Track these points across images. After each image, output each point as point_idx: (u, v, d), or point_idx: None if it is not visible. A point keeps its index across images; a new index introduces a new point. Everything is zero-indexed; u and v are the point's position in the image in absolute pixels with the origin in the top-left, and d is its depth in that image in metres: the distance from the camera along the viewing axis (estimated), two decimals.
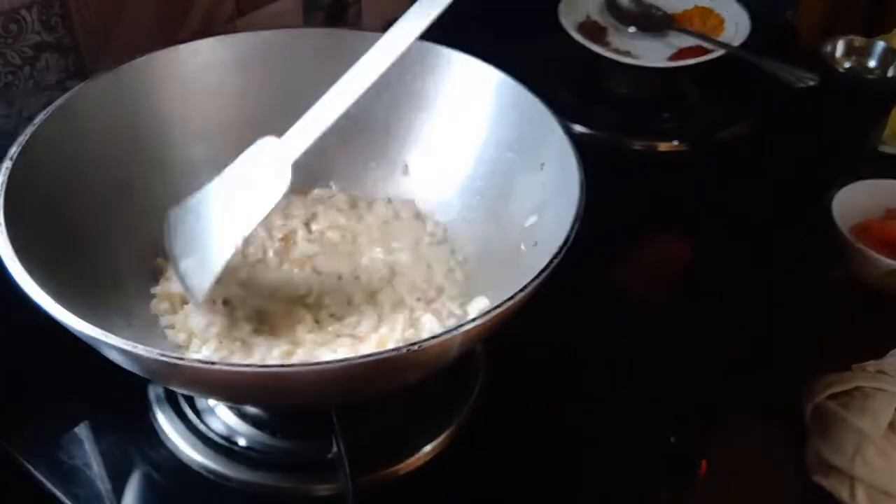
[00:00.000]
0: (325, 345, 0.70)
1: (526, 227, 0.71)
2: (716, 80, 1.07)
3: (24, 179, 0.65)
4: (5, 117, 0.83)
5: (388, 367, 0.54)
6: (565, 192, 0.66)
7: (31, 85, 0.84)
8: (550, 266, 0.58)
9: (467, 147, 0.78)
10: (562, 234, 0.61)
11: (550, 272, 0.58)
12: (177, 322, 0.72)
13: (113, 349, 0.55)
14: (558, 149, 0.69)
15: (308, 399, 0.62)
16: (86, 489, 0.69)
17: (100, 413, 0.74)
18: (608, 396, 0.76)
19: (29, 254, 0.60)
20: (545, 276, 0.58)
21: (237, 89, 0.82)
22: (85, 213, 0.71)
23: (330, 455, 0.67)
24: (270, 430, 0.71)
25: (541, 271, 0.58)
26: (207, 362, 0.53)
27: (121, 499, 0.69)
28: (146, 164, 0.78)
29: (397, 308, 0.73)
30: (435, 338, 0.54)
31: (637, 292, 0.85)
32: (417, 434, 0.71)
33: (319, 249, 0.78)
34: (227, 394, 0.65)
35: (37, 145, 0.68)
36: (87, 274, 0.68)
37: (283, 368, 0.53)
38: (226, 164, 0.79)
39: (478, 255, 0.77)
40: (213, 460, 0.69)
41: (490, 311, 0.55)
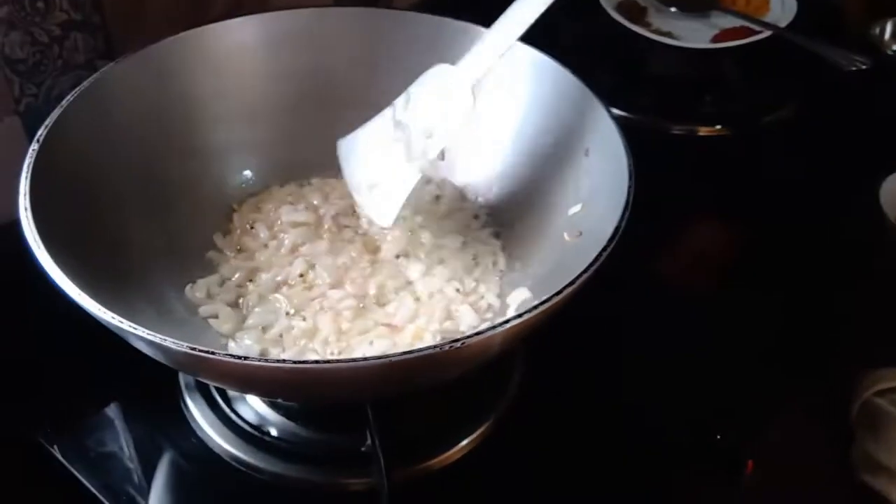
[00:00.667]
0: (361, 333, 0.69)
1: (569, 215, 0.69)
2: (760, 62, 1.04)
3: (51, 162, 0.64)
4: (33, 97, 0.81)
5: (426, 364, 0.52)
6: (612, 181, 0.63)
7: (60, 64, 0.82)
8: (599, 259, 0.56)
9: (505, 130, 0.76)
10: (610, 225, 0.59)
11: (599, 265, 0.56)
12: (220, 312, 0.71)
13: (141, 341, 0.53)
14: (604, 134, 0.67)
15: (343, 395, 0.60)
16: (114, 477, 0.68)
17: (129, 400, 0.73)
18: (649, 391, 0.74)
19: (55, 239, 0.58)
20: (594, 270, 0.56)
21: (268, 69, 0.80)
22: (112, 197, 0.70)
23: (364, 448, 0.65)
24: (303, 420, 0.69)
25: (590, 265, 0.56)
26: (239, 357, 0.51)
27: (149, 488, 0.68)
28: (174, 146, 0.76)
29: (435, 297, 0.72)
30: (477, 335, 0.51)
31: (678, 283, 0.83)
32: (454, 428, 0.69)
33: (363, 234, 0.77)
34: (259, 389, 0.64)
35: (64, 127, 0.66)
36: (115, 259, 0.67)
37: (318, 365, 0.52)
38: (257, 146, 0.81)
39: (517, 243, 0.75)
40: (242, 450, 0.68)
41: (536, 307, 0.53)
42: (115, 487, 0.67)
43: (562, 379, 0.73)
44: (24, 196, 0.60)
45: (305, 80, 0.81)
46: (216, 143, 0.79)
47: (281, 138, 0.81)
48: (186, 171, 0.77)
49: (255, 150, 0.80)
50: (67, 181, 0.66)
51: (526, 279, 0.71)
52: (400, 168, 0.69)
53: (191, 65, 0.77)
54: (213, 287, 0.73)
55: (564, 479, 0.68)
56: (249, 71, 0.79)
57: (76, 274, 0.56)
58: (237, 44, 0.78)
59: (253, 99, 0.80)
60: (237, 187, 0.80)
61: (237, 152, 0.80)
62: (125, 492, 0.67)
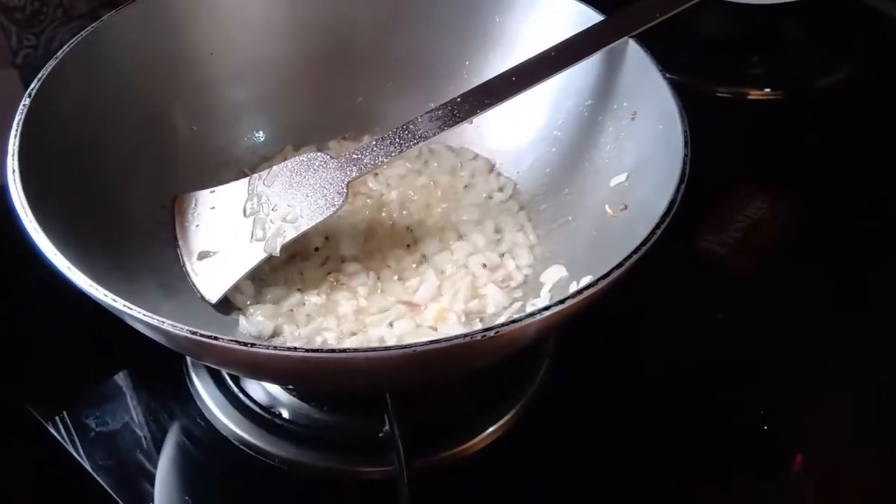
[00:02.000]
0: (380, 312, 0.65)
1: (612, 186, 0.64)
2: (817, 20, 0.99)
3: (45, 119, 0.61)
4: (31, 48, 0.78)
5: (453, 354, 0.48)
6: (664, 149, 0.59)
7: (60, 13, 0.79)
8: (652, 238, 0.51)
9: (541, 91, 0.69)
10: (662, 200, 0.54)
11: (651, 245, 0.51)
12: None
13: (138, 322, 0.49)
14: (655, 97, 0.62)
15: (358, 385, 0.56)
16: (116, 459, 0.65)
17: (134, 377, 0.71)
18: (690, 378, 0.70)
19: (46, 204, 0.56)
20: (645, 251, 0.50)
21: (283, 21, 0.76)
22: (111, 160, 0.67)
23: (381, 434, 0.62)
24: (316, 402, 0.66)
25: (641, 244, 0.50)
26: (245, 344, 0.46)
27: (154, 470, 0.65)
28: (181, 103, 0.73)
29: (459, 273, 0.68)
30: (512, 322, 0.47)
31: (721, 259, 0.79)
32: (478, 415, 0.66)
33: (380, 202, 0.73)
34: (269, 376, 0.61)
35: (59, 81, 0.63)
36: (113, 229, 0.64)
37: (333, 355, 0.47)
38: (270, 105, 0.77)
39: (552, 215, 0.71)
40: (251, 433, 0.65)
41: (577, 293, 0.48)
42: (118, 470, 0.64)
43: (593, 364, 0.70)
44: (12, 156, 0.57)
45: (324, 35, 0.77)
46: (226, 101, 0.75)
47: (296, 97, 0.77)
48: (193, 130, 0.74)
49: (268, 108, 0.77)
50: (62, 140, 0.63)
51: (561, 255, 0.67)
52: (243, 244, 0.66)
53: (200, 14, 0.73)
54: None
55: (595, 470, 0.65)
56: (264, 23, 0.75)
57: (68, 245, 0.53)
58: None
59: (267, 53, 0.76)
60: (249, 149, 0.77)
61: (249, 111, 0.77)
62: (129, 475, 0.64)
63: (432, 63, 0.76)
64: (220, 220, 0.68)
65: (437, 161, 0.76)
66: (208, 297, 0.65)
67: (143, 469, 0.65)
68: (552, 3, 0.70)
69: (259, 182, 0.68)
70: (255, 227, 0.66)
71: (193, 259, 0.66)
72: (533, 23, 0.72)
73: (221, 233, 0.67)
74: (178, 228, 0.68)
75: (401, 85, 0.77)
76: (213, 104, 0.74)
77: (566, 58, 0.65)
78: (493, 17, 0.73)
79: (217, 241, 0.67)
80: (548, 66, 0.65)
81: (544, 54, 0.66)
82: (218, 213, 0.68)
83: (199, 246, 0.67)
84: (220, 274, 0.65)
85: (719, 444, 0.66)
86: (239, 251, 0.66)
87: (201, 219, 0.68)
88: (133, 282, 0.60)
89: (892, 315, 0.76)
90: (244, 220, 0.67)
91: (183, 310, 0.63)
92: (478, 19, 0.74)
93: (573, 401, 0.68)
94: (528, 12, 0.72)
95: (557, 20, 0.69)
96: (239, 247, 0.66)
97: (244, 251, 0.65)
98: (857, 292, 0.78)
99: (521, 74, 0.65)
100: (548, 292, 0.64)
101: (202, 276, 0.66)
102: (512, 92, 0.65)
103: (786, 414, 0.68)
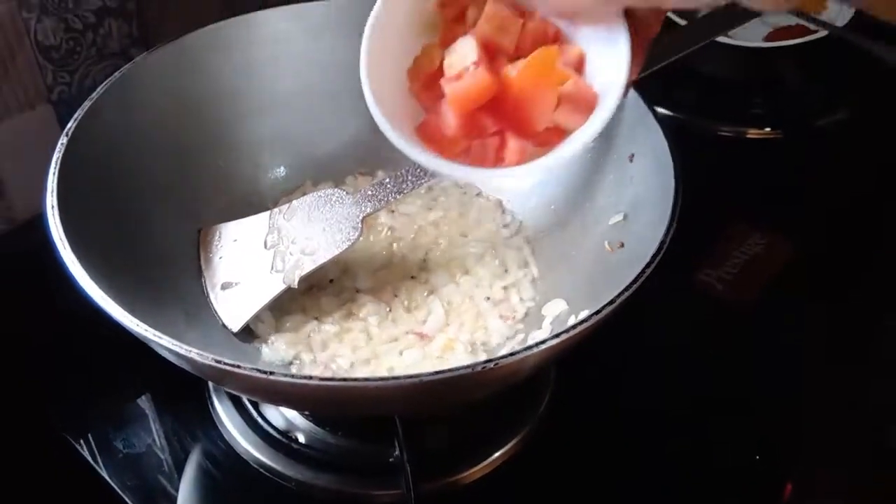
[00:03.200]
0: (390, 341, 0.68)
1: (611, 224, 0.67)
2: (815, 62, 1.00)
3: (80, 156, 0.63)
4: (66, 85, 0.81)
5: (457, 384, 0.50)
6: (657, 191, 0.61)
7: (94, 52, 0.82)
8: (641, 278, 0.54)
9: None
10: (653, 239, 0.56)
11: (641, 283, 0.53)
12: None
13: (165, 350, 0.52)
14: (651, 141, 0.64)
15: (370, 411, 0.59)
16: (140, 479, 0.67)
17: (158, 401, 0.73)
18: (686, 408, 0.71)
19: (81, 236, 0.58)
20: (636, 288, 0.53)
21: (303, 62, 0.78)
22: (139, 192, 0.69)
23: (392, 458, 0.64)
24: (331, 427, 0.68)
25: (630, 283, 0.53)
26: (265, 372, 0.49)
27: (176, 491, 0.67)
28: (207, 140, 0.75)
29: (465, 305, 0.70)
30: (511, 356, 0.49)
31: (720, 292, 0.79)
32: (484, 441, 0.67)
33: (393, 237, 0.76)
34: (286, 402, 0.63)
35: (94, 120, 0.66)
36: (143, 259, 0.66)
37: (346, 383, 0.50)
38: (292, 141, 0.79)
39: (554, 251, 0.73)
40: (269, 457, 0.67)
41: (571, 328, 0.51)
42: (143, 490, 0.66)
43: (595, 393, 0.71)
44: (51, 193, 0.60)
45: (342, 74, 0.75)
46: (249, 138, 0.78)
47: (315, 134, 0.79)
48: (219, 165, 0.76)
49: (289, 144, 0.79)
50: (96, 176, 0.65)
51: (563, 289, 0.69)
52: (264, 275, 0.68)
53: (225, 55, 0.76)
54: None
55: (592, 498, 0.66)
56: (284, 62, 0.78)
57: (101, 274, 0.56)
58: (273, 34, 0.77)
59: (288, 91, 0.78)
60: (270, 184, 0.79)
61: (271, 148, 0.79)
62: (153, 495, 0.66)
63: None
64: (242, 251, 0.70)
65: (446, 198, 0.78)
66: (230, 326, 0.67)
67: (166, 490, 0.66)
68: None
69: (279, 216, 0.71)
70: (276, 259, 0.69)
71: (217, 289, 0.69)
72: None
73: (243, 264, 0.70)
74: (202, 259, 0.71)
75: None
76: (237, 141, 0.77)
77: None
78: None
79: (239, 272, 0.69)
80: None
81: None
82: (240, 245, 0.71)
83: (222, 276, 0.70)
84: (241, 304, 0.68)
85: (713, 475, 0.68)
86: (260, 282, 0.68)
87: (225, 250, 0.71)
88: (160, 310, 0.62)
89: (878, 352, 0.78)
90: (265, 252, 0.69)
91: (207, 338, 0.65)
92: None
93: (574, 429, 0.69)
94: None
95: None
96: (260, 278, 0.68)
97: (265, 282, 0.68)
98: (851, 331, 0.78)
99: None
100: (549, 325, 0.66)
101: (225, 305, 0.68)
102: None
103: (777, 448, 0.69)
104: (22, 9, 0.74)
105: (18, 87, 0.77)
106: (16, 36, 0.75)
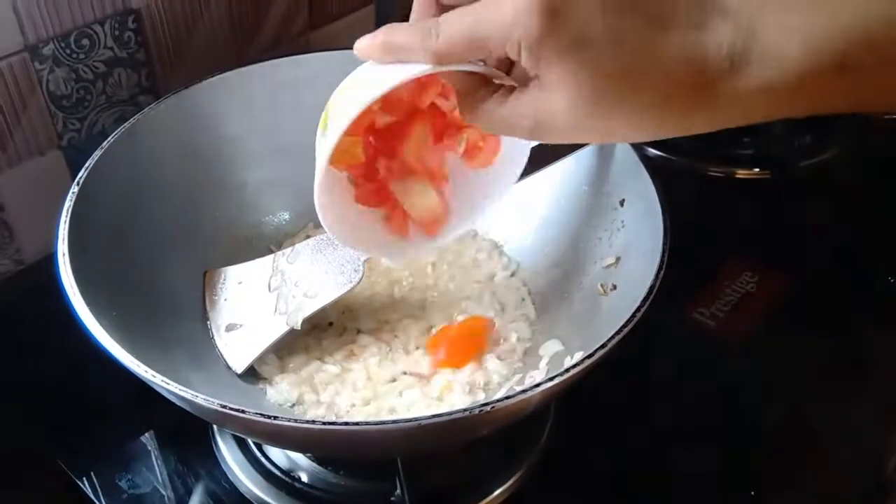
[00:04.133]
0: (390, 381, 0.69)
1: (603, 267, 0.69)
2: None
3: (89, 204, 0.65)
4: (75, 132, 0.83)
5: (456, 426, 0.52)
6: (648, 236, 0.63)
7: (103, 100, 0.83)
8: (633, 321, 0.55)
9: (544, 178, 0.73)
10: (644, 283, 0.58)
11: (633, 326, 0.55)
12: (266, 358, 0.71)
13: (172, 395, 0.53)
14: (640, 187, 0.66)
15: (372, 453, 0.60)
16: None
17: (162, 441, 0.73)
18: (683, 443, 0.73)
19: (89, 281, 0.59)
20: (627, 331, 0.55)
21: (310, 110, 0.76)
22: (145, 237, 0.71)
23: (393, 497, 0.65)
24: (333, 467, 0.69)
25: (622, 326, 0.55)
26: (269, 416, 0.51)
27: None
28: (213, 187, 0.77)
29: None
30: (507, 398, 0.51)
31: (713, 329, 0.81)
32: (486, 477, 0.68)
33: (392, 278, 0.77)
34: (289, 445, 0.64)
35: (104, 169, 0.67)
36: (149, 303, 0.67)
37: (347, 427, 0.51)
38: (295, 186, 0.79)
39: (550, 293, 0.74)
40: (273, 496, 0.68)
41: (566, 371, 0.53)
42: None
43: (594, 426, 0.73)
44: (62, 241, 0.61)
45: None
46: (254, 183, 0.79)
47: None
48: (224, 211, 0.78)
49: (292, 190, 0.80)
50: (104, 222, 0.67)
51: (558, 330, 0.70)
52: (268, 317, 0.70)
53: (231, 104, 0.77)
54: None
55: None
56: (289, 110, 0.79)
57: (110, 319, 0.57)
58: (278, 84, 0.79)
59: (291, 138, 0.79)
60: (274, 227, 0.81)
61: (275, 192, 0.81)
62: None
63: None
64: (246, 294, 0.72)
65: None
66: (235, 368, 0.69)
67: None
68: None
69: (283, 259, 0.72)
70: (279, 302, 0.70)
71: (221, 330, 0.70)
72: None
73: (247, 306, 0.71)
74: (207, 301, 0.72)
75: None
76: (241, 187, 0.78)
77: (563, 149, 0.69)
78: None
79: (243, 314, 0.71)
80: (546, 155, 0.68)
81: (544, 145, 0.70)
82: (244, 287, 0.72)
83: (226, 318, 0.71)
84: (245, 345, 0.69)
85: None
86: (263, 324, 0.69)
87: (229, 293, 0.72)
88: (166, 352, 0.63)
89: (865, 385, 0.79)
90: (269, 294, 0.71)
91: (212, 379, 0.66)
92: None
93: (573, 464, 0.70)
94: None
95: None
96: (263, 320, 0.70)
97: (268, 324, 0.69)
98: (840, 364, 0.80)
99: None
100: (545, 365, 0.67)
101: (229, 347, 0.69)
102: None
103: (769, 480, 0.71)
104: (35, 60, 0.76)
105: (30, 133, 0.79)
106: (28, 86, 0.77)
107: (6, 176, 0.79)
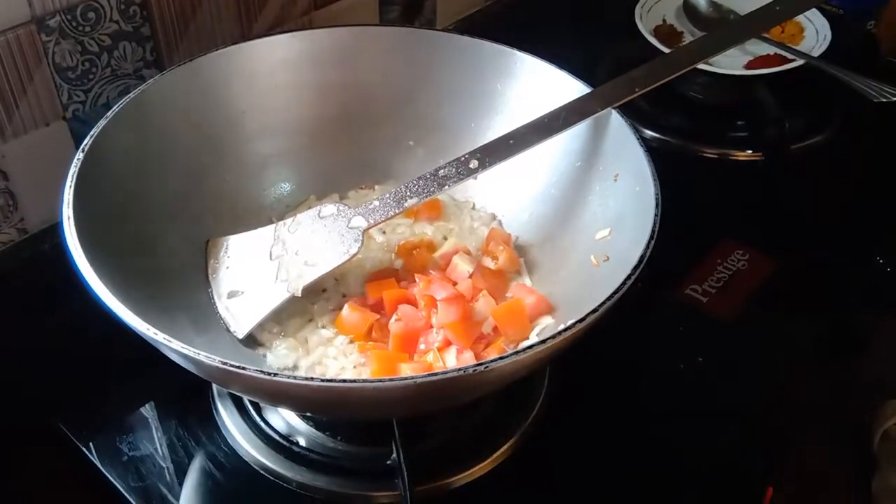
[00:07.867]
0: None
1: (597, 239, 0.70)
2: (793, 89, 1.03)
3: (95, 171, 0.66)
4: (80, 104, 0.84)
5: (450, 386, 0.53)
6: (640, 208, 0.64)
7: (108, 73, 0.84)
8: (623, 288, 0.57)
9: (539, 153, 0.75)
10: (635, 253, 0.59)
11: (623, 293, 0.57)
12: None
13: (175, 353, 0.54)
14: (634, 161, 0.67)
15: (368, 412, 0.61)
16: (145, 481, 0.69)
17: (163, 407, 0.75)
18: (673, 416, 0.74)
19: (95, 246, 0.60)
20: (618, 298, 0.56)
21: (308, 84, 0.82)
22: (152, 206, 0.72)
23: (389, 461, 0.66)
24: (331, 432, 0.70)
25: (613, 293, 0.56)
26: (269, 374, 0.52)
27: (178, 492, 0.69)
28: (215, 158, 0.78)
29: None
30: (500, 359, 0.52)
31: (704, 306, 0.83)
32: (480, 443, 0.70)
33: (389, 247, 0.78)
34: (288, 403, 0.65)
35: (108, 138, 0.68)
36: (153, 269, 0.69)
37: (344, 384, 0.52)
38: (296, 159, 0.82)
39: (546, 264, 0.76)
40: (271, 460, 0.69)
41: (558, 333, 0.54)
42: (147, 492, 0.69)
43: (588, 396, 0.74)
44: (67, 205, 0.62)
45: (344, 96, 0.82)
46: (256, 155, 0.81)
47: (319, 151, 0.83)
48: (226, 181, 0.79)
49: (293, 162, 0.82)
50: (110, 189, 0.68)
51: (553, 298, 0.71)
52: (268, 284, 0.71)
53: (235, 78, 0.79)
54: None
55: (587, 499, 0.69)
56: (291, 85, 0.81)
57: (114, 282, 0.58)
58: (280, 59, 0.80)
59: (293, 112, 0.82)
60: (276, 198, 0.82)
61: (277, 165, 0.82)
62: (157, 496, 0.69)
63: (441, 124, 0.81)
64: (248, 262, 0.73)
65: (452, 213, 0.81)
66: (236, 333, 0.70)
67: (172, 491, 0.69)
68: (546, 75, 0.76)
69: (284, 228, 0.73)
70: (280, 270, 0.71)
71: (223, 297, 0.72)
72: (530, 92, 0.77)
73: (249, 274, 0.72)
74: (209, 269, 0.73)
75: (413, 142, 0.83)
76: (244, 158, 0.79)
77: (557, 124, 0.71)
78: (496, 85, 0.79)
79: (245, 281, 0.72)
80: (541, 131, 0.71)
81: (539, 121, 0.71)
82: (246, 256, 0.73)
83: (228, 286, 0.72)
84: (247, 311, 0.70)
85: (698, 478, 0.70)
86: (264, 291, 0.71)
87: (231, 261, 0.73)
88: (170, 317, 0.64)
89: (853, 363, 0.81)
90: (270, 262, 0.72)
91: (213, 344, 0.67)
92: (482, 87, 0.80)
93: (566, 432, 0.72)
94: (525, 82, 0.78)
95: (550, 90, 0.75)
96: (264, 287, 0.71)
97: (269, 291, 0.70)
98: (829, 340, 0.82)
99: (518, 138, 0.71)
100: (538, 333, 0.69)
101: (231, 313, 0.71)
102: (510, 153, 0.70)
103: (759, 453, 0.72)
104: (41, 32, 0.77)
105: (35, 104, 0.80)
106: (35, 57, 0.78)
107: (11, 146, 0.80)
